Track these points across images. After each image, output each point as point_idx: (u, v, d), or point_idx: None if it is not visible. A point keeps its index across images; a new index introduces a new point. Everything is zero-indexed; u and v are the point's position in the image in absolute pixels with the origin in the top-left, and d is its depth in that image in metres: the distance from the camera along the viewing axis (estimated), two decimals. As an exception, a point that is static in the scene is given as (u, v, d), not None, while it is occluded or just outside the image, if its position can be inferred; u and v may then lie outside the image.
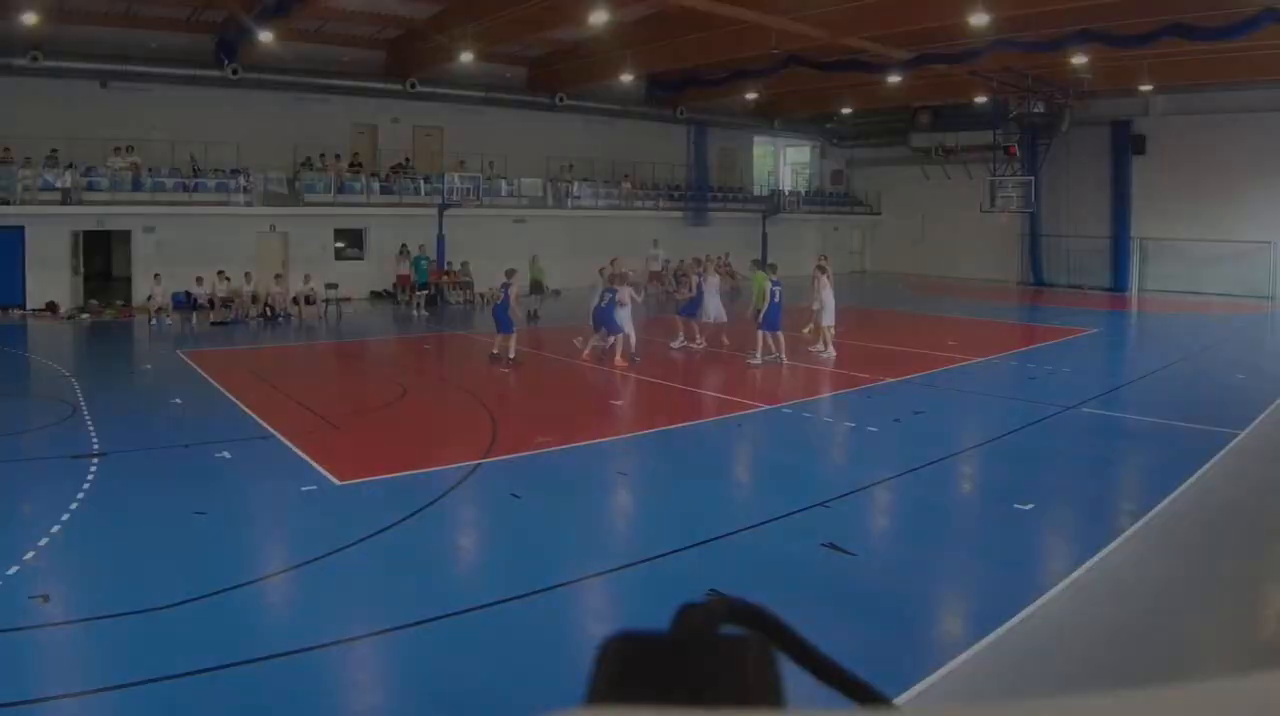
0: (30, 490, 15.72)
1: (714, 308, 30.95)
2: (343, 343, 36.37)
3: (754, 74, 49.42)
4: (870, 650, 9.56)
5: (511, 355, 27.35)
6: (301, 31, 43.98)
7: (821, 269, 30.51)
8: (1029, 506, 14.95)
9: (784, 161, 76.67)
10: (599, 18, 36.32)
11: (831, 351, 29.27)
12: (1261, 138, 52.30)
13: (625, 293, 28.25)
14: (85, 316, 39.61)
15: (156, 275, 39.35)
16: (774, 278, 28.24)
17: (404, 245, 46.19)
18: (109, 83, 43.23)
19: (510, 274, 28.62)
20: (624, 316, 28.02)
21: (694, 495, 16.04)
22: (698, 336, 31.01)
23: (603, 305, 28.06)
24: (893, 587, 11.87)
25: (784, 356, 27.51)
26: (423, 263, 45.28)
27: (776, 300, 27.54)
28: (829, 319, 29.47)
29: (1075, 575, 12.10)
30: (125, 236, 44.31)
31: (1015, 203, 56.52)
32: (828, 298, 29.34)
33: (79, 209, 40.99)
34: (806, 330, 30.12)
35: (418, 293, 44.56)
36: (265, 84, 45.98)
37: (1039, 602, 11.09)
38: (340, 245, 49.25)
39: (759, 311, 27.94)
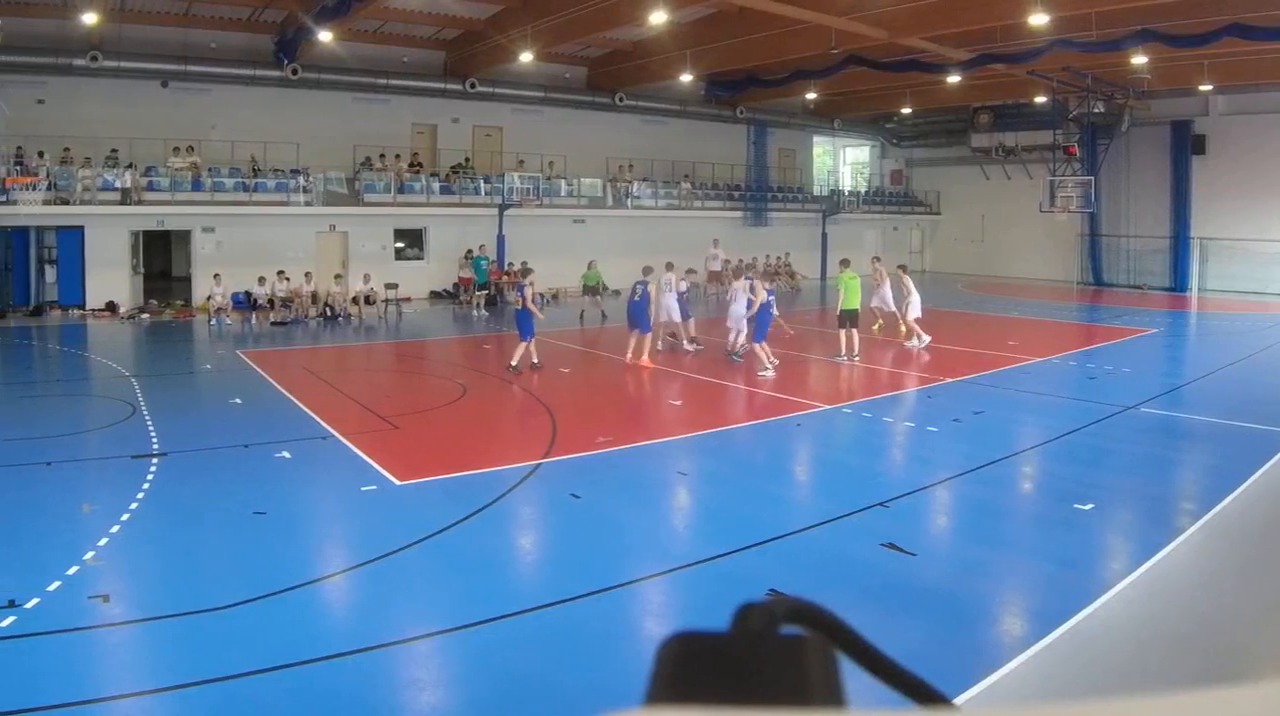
0: (91, 490, 15.69)
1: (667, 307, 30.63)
2: (402, 342, 36.26)
3: (813, 74, 49.03)
4: (930, 650, 9.61)
5: (638, 359, 27.29)
6: (361, 31, 44.14)
7: (902, 268, 30.70)
8: (1089, 507, 14.85)
9: (844, 161, 76.54)
10: (658, 18, 36.23)
11: (923, 339, 29.58)
12: (1323, 137, 51.78)
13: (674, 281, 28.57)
14: (145, 316, 39.73)
15: (216, 275, 39.40)
16: (769, 285, 28.12)
17: (469, 250, 46.09)
18: (169, 83, 43.42)
19: (526, 273, 28.79)
20: (670, 305, 28.20)
21: (753, 495, 15.92)
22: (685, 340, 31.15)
23: (636, 299, 27.88)
24: (952, 588, 11.75)
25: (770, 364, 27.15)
26: (482, 263, 45.16)
27: (773, 311, 27.42)
28: (915, 312, 30.08)
29: (1134, 575, 12.00)
30: (185, 236, 44.49)
31: (1075, 202, 56.07)
32: (914, 295, 30.19)
33: (139, 209, 41.14)
34: (877, 327, 30.11)
35: (477, 293, 44.44)
36: (325, 84, 46.18)
37: (1098, 603, 10.93)
38: (400, 245, 49.26)
39: (848, 312, 27.92)
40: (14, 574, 11.47)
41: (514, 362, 26.24)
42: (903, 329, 30.01)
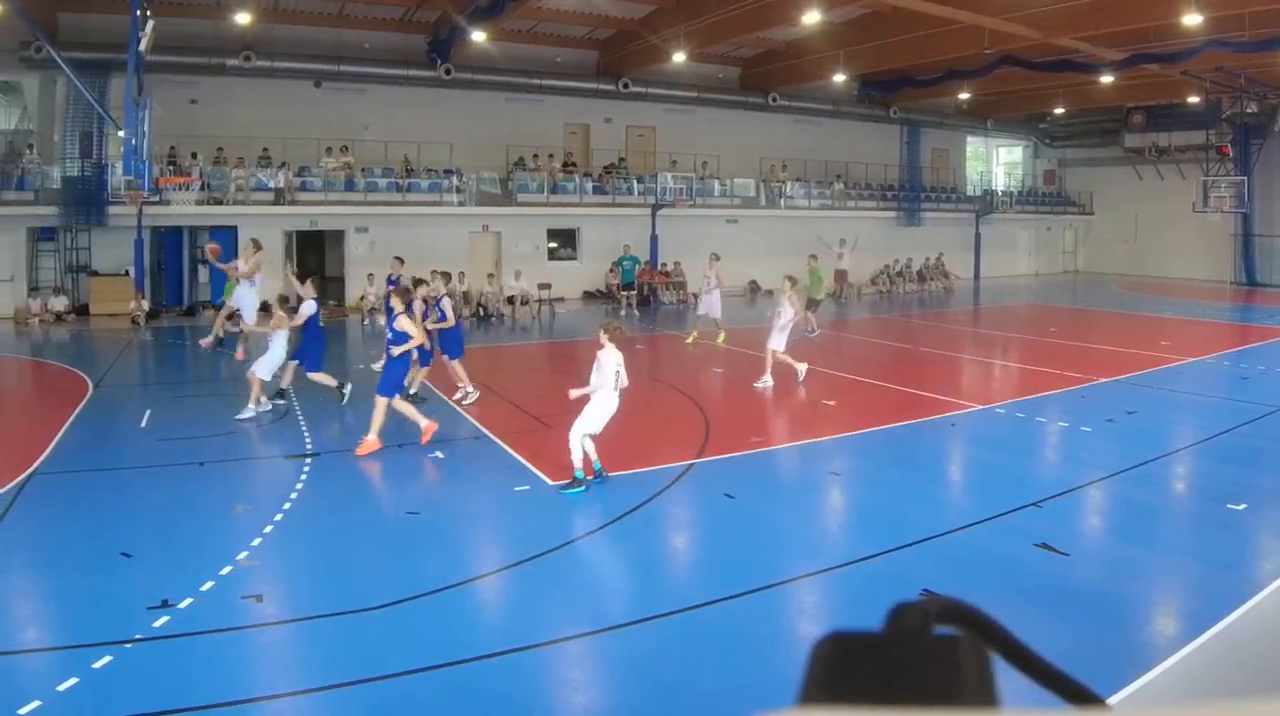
0: (244, 490, 15.83)
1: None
2: (555, 342, 36.35)
3: (966, 74, 48.82)
4: (1082, 650, 9.46)
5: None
6: (514, 31, 44.33)
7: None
8: (1242, 507, 14.57)
9: (997, 161, 75.77)
10: (811, 18, 36.02)
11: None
12: None
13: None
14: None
15: (370, 275, 39.68)
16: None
17: (621, 256, 46.19)
18: (322, 83, 43.95)
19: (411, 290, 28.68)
20: (712, 301, 28.05)
21: (907, 495, 15.80)
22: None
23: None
24: (1105, 588, 11.59)
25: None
26: (628, 263, 45.10)
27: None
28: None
29: (1287, 575, 11.68)
30: (338, 236, 45.02)
31: (1228, 203, 55.34)
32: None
33: (292, 209, 41.74)
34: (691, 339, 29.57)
35: (626, 292, 44.29)
36: (478, 84, 46.50)
37: (1251, 603, 10.58)
38: (553, 245, 49.52)
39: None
40: (167, 574, 11.55)
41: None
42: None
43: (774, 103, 54.91)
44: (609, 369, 16.11)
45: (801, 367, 24.91)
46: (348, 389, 21.85)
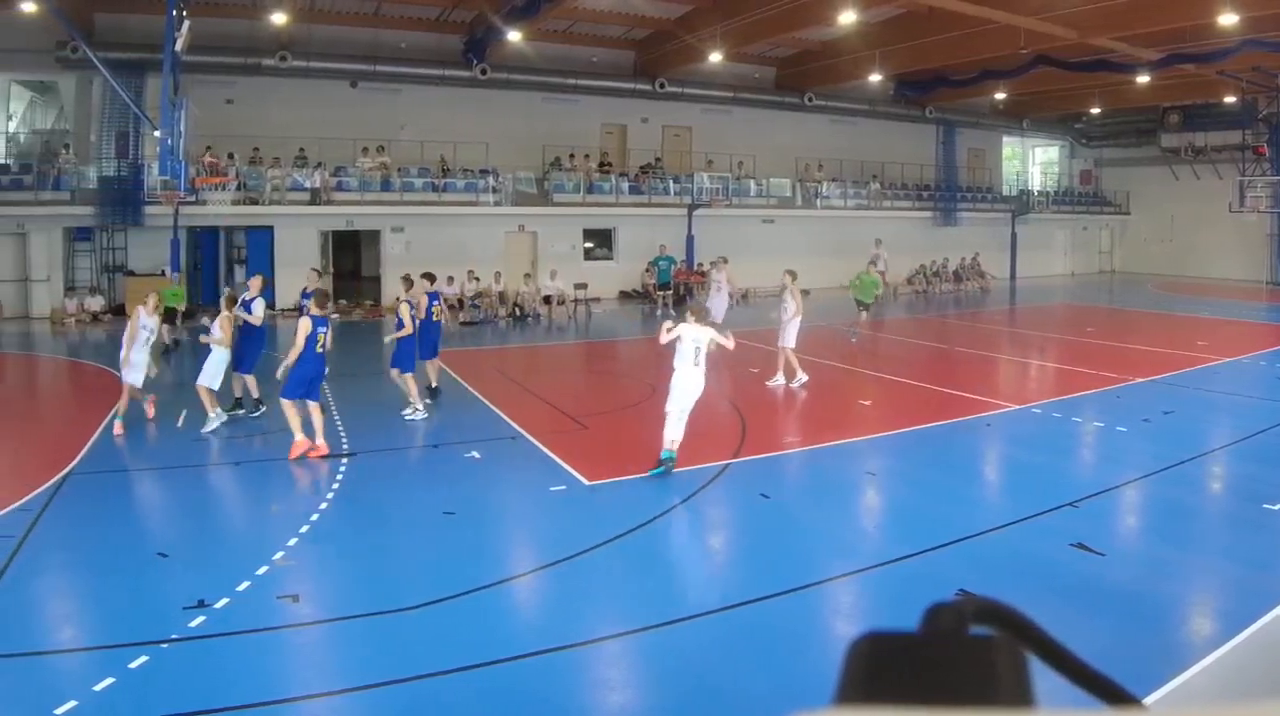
0: (280, 490, 15.93)
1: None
2: (591, 342, 36.38)
3: (1002, 74, 48.82)
4: (1118, 649, 9.48)
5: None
6: (550, 31, 44.36)
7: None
8: (1278, 507, 14.48)
9: (1033, 161, 75.67)
10: (847, 18, 36.03)
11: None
12: None
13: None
14: (334, 316, 40.12)
15: (406, 275, 39.66)
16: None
17: (657, 256, 46.19)
18: (358, 82, 44.04)
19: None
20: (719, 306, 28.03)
21: (942, 495, 15.77)
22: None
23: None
24: (1141, 588, 11.56)
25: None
26: (664, 263, 45.06)
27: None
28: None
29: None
30: (374, 236, 45.20)
31: (1264, 202, 55.21)
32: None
33: (328, 209, 41.88)
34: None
35: (662, 292, 44.25)
36: (514, 84, 46.53)
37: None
38: (589, 245, 49.57)
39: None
40: (203, 574, 11.59)
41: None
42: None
43: (810, 103, 54.84)
44: (688, 345, 16.73)
45: (802, 377, 24.66)
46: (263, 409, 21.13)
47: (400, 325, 21.23)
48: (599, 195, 48.27)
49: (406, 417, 20.89)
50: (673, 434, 16.46)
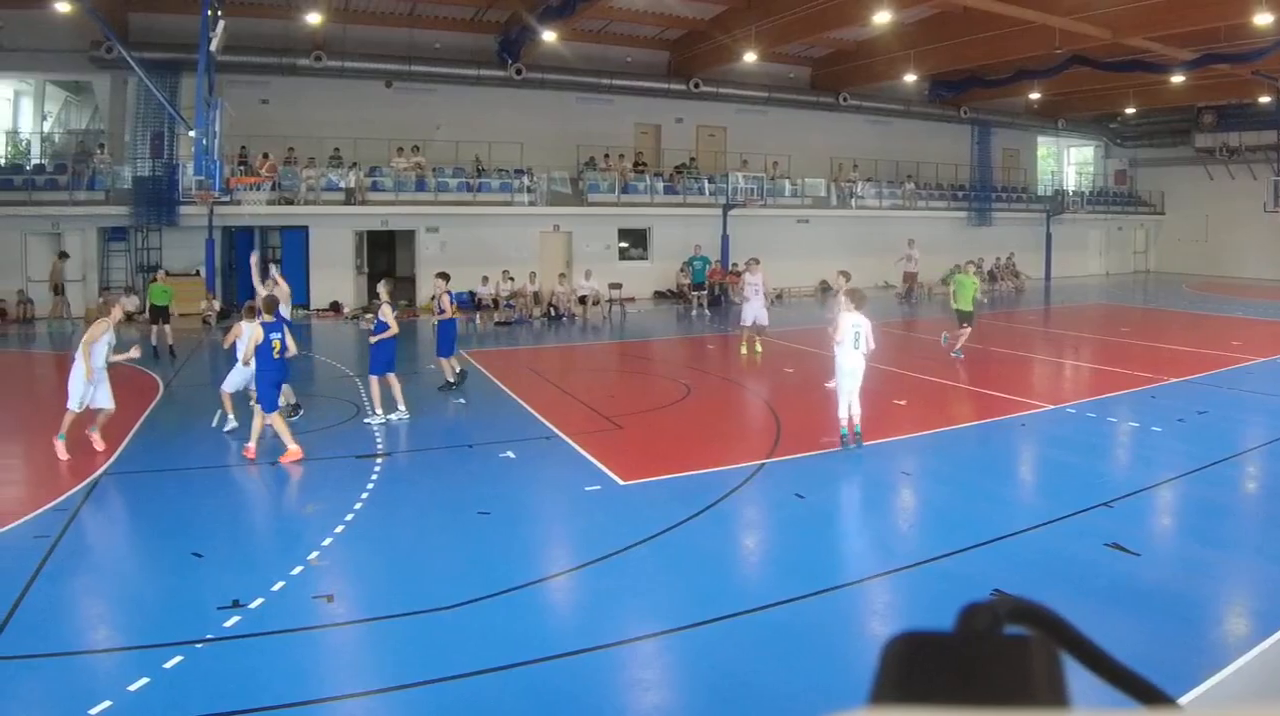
0: (315, 490, 15.92)
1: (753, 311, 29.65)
2: (626, 342, 36.34)
3: (1036, 74, 48.98)
4: (1153, 649, 9.50)
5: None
6: (584, 31, 44.49)
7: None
8: (1315, 506, 14.42)
9: (1067, 161, 75.55)
10: (882, 18, 36.16)
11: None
12: None
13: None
14: (369, 316, 40.21)
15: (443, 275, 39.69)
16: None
17: (692, 256, 46.05)
18: (393, 83, 44.11)
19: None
20: (758, 308, 27.99)
21: (977, 494, 15.75)
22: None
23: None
24: (1176, 587, 11.50)
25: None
26: (699, 263, 45.00)
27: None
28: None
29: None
30: (409, 236, 45.27)
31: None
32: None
33: (363, 209, 41.98)
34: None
35: (696, 292, 44.20)
36: (548, 84, 46.64)
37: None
38: (624, 245, 49.58)
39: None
40: (238, 574, 11.60)
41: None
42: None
43: (845, 102, 54.81)
44: (847, 330, 17.69)
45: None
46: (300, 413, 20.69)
47: (382, 327, 20.69)
48: (633, 195, 48.32)
49: (371, 424, 20.32)
50: (845, 413, 17.99)
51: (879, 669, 0.83)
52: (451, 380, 23.42)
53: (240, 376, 19.31)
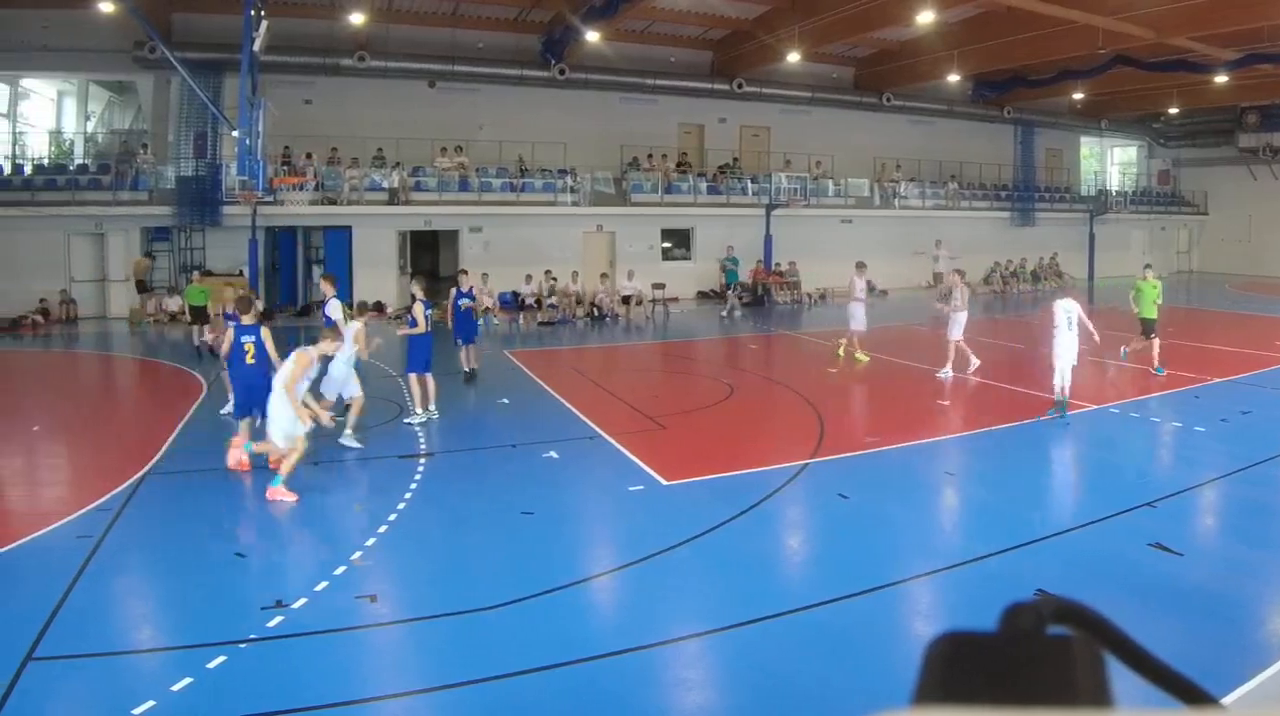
0: (359, 490, 16.00)
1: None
2: (669, 342, 36.32)
3: (1080, 74, 48.85)
4: (1197, 650, 9.37)
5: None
6: (628, 32, 44.49)
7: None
8: (1359, 506, 14.40)
9: (1111, 161, 75.33)
10: (925, 18, 36.10)
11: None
12: None
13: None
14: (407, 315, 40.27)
15: (484, 275, 39.65)
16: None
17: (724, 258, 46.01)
18: (436, 83, 44.19)
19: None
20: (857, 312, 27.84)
21: (1020, 495, 15.73)
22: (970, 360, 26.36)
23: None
24: (1220, 588, 11.42)
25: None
26: (730, 264, 44.85)
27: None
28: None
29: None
30: (452, 236, 45.41)
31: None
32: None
33: (406, 209, 42.08)
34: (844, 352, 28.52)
35: (730, 292, 44.07)
36: (591, 84, 46.70)
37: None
38: (667, 245, 49.60)
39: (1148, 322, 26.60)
40: (281, 574, 11.72)
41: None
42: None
43: (888, 103, 54.71)
44: (1061, 315, 20.68)
45: (975, 361, 25.83)
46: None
47: (413, 323, 20.98)
48: (676, 195, 48.31)
49: (412, 424, 20.47)
50: (1060, 382, 20.57)
51: (922, 668, 0.85)
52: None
53: (339, 374, 18.85)
